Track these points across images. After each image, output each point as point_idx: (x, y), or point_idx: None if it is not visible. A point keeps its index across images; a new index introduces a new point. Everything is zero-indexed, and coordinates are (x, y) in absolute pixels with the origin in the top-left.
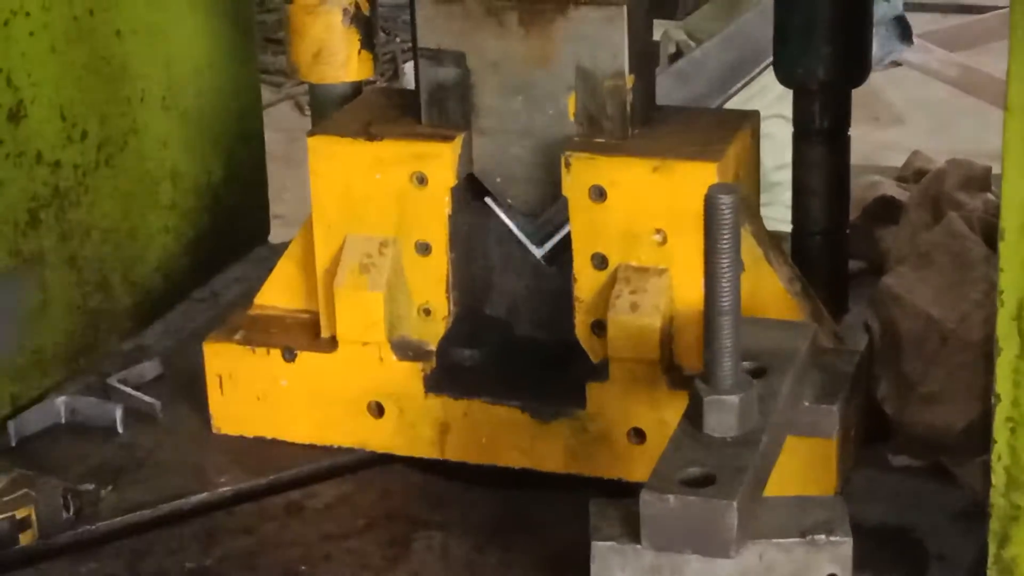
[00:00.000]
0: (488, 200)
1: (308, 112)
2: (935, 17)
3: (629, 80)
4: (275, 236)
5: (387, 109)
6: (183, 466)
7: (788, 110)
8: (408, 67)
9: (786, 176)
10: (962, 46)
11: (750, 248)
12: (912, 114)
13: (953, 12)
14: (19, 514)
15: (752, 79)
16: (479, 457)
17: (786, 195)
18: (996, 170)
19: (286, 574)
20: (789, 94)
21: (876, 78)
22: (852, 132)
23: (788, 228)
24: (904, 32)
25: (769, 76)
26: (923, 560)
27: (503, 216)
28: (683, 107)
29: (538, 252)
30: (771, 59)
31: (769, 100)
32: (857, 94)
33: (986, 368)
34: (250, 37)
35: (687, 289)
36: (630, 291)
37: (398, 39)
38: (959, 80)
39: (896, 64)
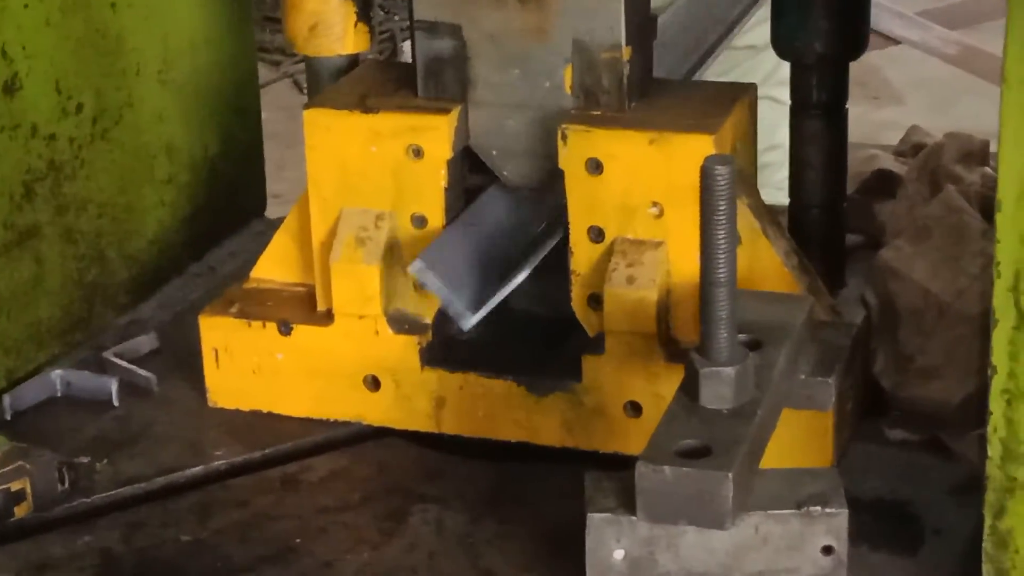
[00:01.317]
0: (413, 269)
1: (307, 89)
2: None
3: (626, 52)
4: (273, 214)
5: (383, 82)
6: (179, 439)
7: (777, 91)
8: (407, 45)
9: (775, 157)
10: (961, 24)
11: (747, 221)
12: (911, 93)
13: None
14: (14, 487)
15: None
16: (475, 430)
17: (776, 176)
18: (994, 146)
19: (281, 547)
20: (777, 74)
21: (875, 57)
22: (851, 111)
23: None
24: None
25: (756, 58)
26: (919, 533)
27: (436, 290)
28: (680, 80)
29: (466, 324)
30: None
31: (757, 81)
32: (856, 73)
33: (983, 341)
34: (246, 11)
35: (684, 262)
36: (626, 264)
37: (396, 17)
38: (958, 58)
39: (895, 42)
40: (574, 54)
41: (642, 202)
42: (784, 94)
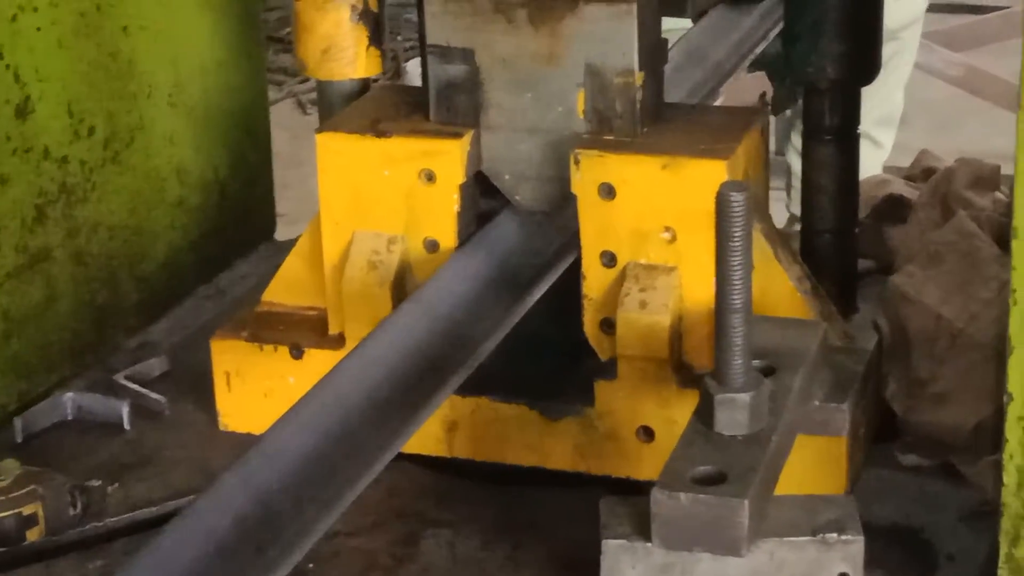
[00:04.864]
0: None
1: (310, 110)
2: (940, 17)
3: (639, 77)
4: (278, 234)
5: (395, 106)
6: (190, 463)
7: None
8: (410, 66)
9: None
10: (966, 46)
11: (760, 247)
12: (915, 115)
13: (957, 12)
14: (26, 511)
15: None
16: (487, 455)
17: None
18: (1005, 169)
19: (294, 571)
20: None
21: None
22: None
23: None
24: None
25: None
26: (933, 560)
27: None
28: (693, 105)
29: None
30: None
31: None
32: None
33: (996, 367)
34: (257, 35)
35: (696, 287)
36: (639, 289)
37: (400, 37)
38: (963, 80)
39: None
40: (587, 79)
41: (655, 227)
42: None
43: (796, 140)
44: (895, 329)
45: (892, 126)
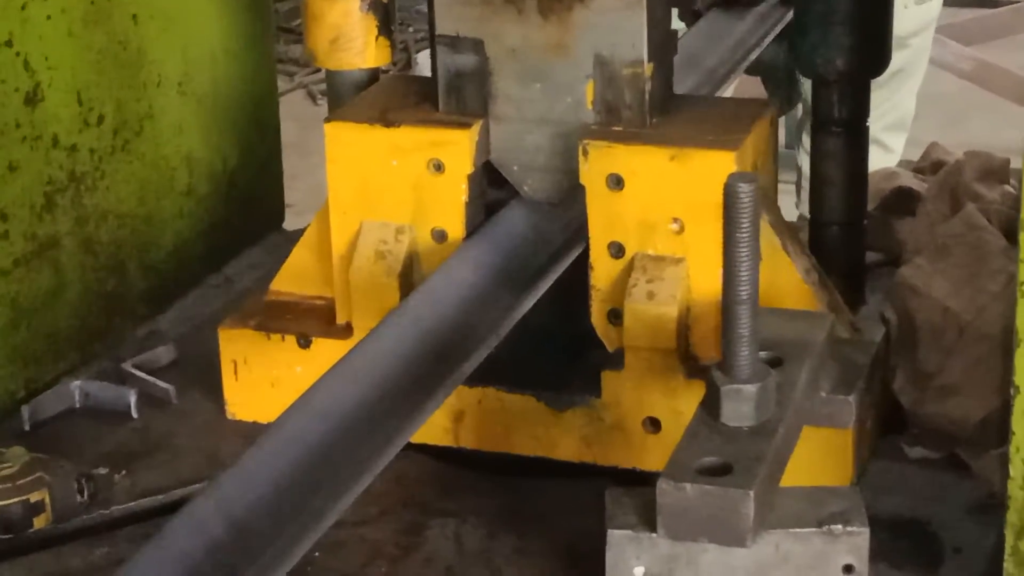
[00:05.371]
0: None
1: (320, 101)
2: (950, 10)
3: (648, 68)
4: (286, 224)
5: (404, 96)
6: (197, 451)
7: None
8: (421, 57)
9: None
10: (976, 40)
11: (768, 238)
12: (925, 108)
13: (968, 6)
14: (33, 497)
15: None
16: (493, 445)
17: None
18: (1014, 163)
19: (300, 561)
20: None
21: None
22: None
23: None
24: None
25: None
26: (939, 552)
27: None
28: (701, 96)
29: None
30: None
31: None
32: None
33: (1004, 360)
34: (266, 24)
35: (704, 278)
36: (647, 280)
37: (411, 28)
38: (973, 74)
39: None
40: (596, 69)
41: (662, 218)
42: None
43: (807, 141)
44: (903, 321)
45: (903, 131)
